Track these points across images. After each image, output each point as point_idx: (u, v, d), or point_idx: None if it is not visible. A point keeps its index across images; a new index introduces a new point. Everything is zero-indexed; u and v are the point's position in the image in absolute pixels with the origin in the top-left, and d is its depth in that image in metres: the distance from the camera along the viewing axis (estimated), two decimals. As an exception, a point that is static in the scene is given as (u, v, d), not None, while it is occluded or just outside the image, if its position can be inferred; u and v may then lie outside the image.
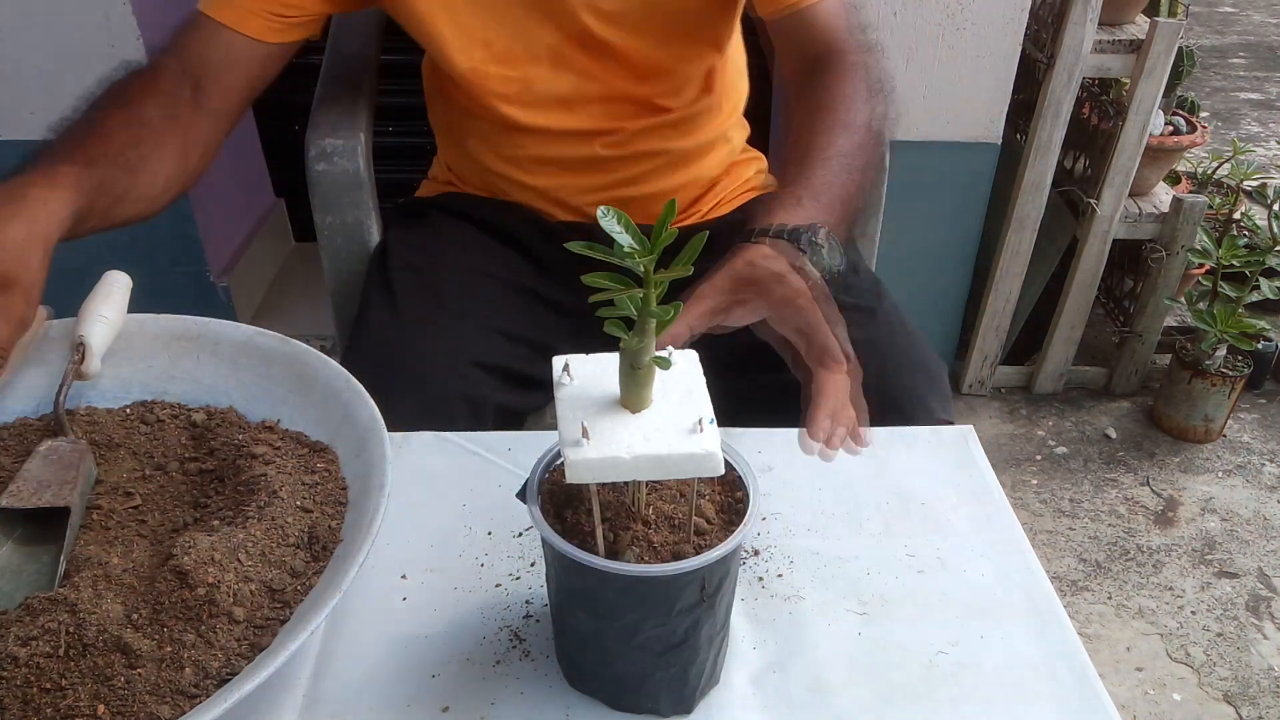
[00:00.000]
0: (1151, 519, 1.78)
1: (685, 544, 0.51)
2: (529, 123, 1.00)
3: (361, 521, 0.57)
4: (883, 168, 0.85)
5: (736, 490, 0.54)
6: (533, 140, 1.02)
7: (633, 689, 0.54)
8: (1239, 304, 1.83)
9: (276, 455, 0.63)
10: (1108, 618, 1.58)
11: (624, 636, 0.51)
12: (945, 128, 1.74)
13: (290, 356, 0.69)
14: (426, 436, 0.74)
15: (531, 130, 1.01)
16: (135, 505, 0.62)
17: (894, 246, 1.40)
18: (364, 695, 0.56)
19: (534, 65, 0.96)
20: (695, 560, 0.48)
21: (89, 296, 0.71)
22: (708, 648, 0.53)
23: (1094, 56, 1.72)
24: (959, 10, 1.63)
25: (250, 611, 0.53)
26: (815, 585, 0.63)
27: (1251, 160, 2.04)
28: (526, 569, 0.64)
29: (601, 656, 0.54)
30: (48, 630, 0.50)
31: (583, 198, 1.05)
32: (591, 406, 0.51)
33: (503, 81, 0.97)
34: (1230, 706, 1.43)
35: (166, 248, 1.72)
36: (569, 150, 1.02)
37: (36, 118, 1.57)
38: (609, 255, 0.47)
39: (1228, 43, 4.26)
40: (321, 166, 1.03)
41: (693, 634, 0.52)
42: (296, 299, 2.07)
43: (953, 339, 2.06)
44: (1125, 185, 1.82)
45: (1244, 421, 2.01)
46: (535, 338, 0.97)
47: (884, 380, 0.87)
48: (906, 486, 0.71)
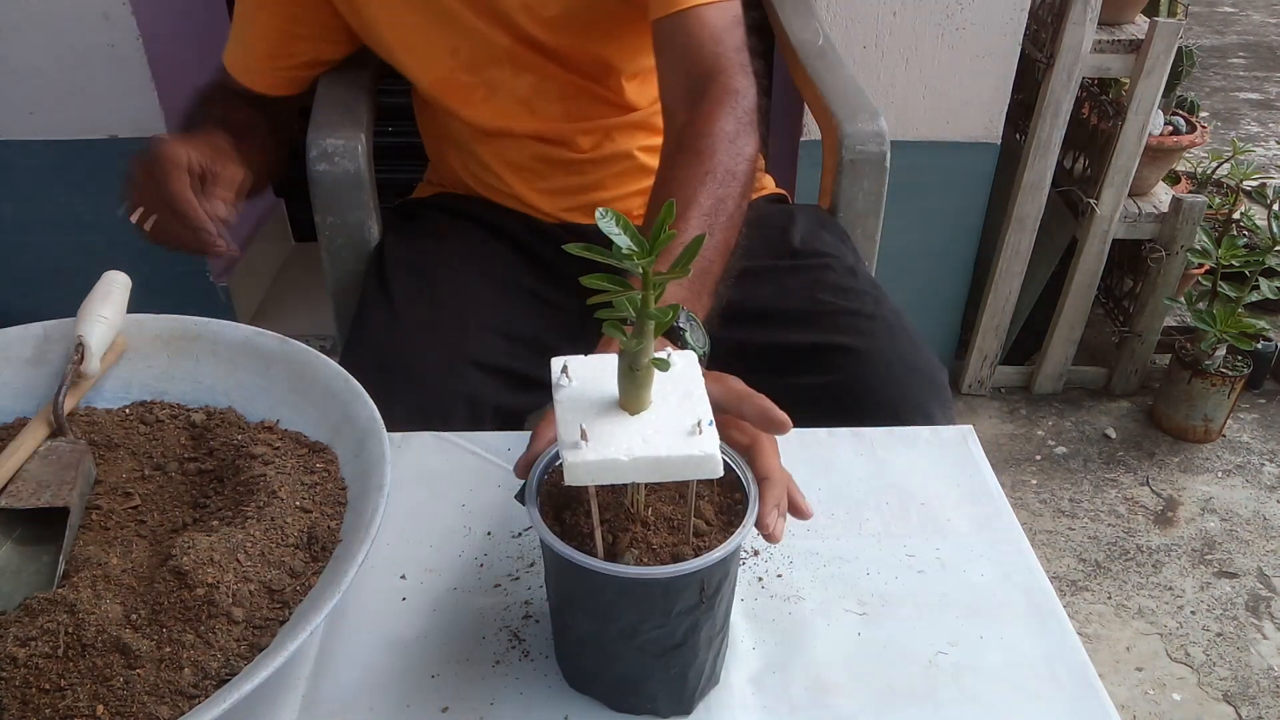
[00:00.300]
0: (1151, 519, 1.78)
1: (684, 546, 0.51)
2: (497, 126, 1.02)
3: (360, 522, 0.57)
4: (744, 212, 0.82)
5: (735, 491, 0.54)
6: (506, 146, 1.04)
7: (632, 690, 0.54)
8: (1239, 304, 1.83)
9: (276, 455, 0.63)
10: (1107, 618, 1.58)
11: (623, 638, 0.51)
12: (945, 128, 1.74)
13: (289, 356, 0.69)
14: (426, 437, 0.74)
15: (501, 135, 1.03)
16: (134, 505, 0.62)
17: (894, 246, 1.40)
18: (363, 695, 0.56)
19: (496, 68, 0.99)
20: (694, 562, 0.48)
21: (88, 296, 0.71)
22: (707, 649, 0.53)
23: (1093, 56, 1.72)
24: (959, 10, 1.63)
25: (249, 612, 0.53)
26: (815, 585, 0.63)
27: (1251, 160, 2.04)
28: (526, 569, 0.64)
29: (600, 658, 0.54)
30: (47, 631, 0.50)
31: (558, 201, 1.06)
32: (590, 408, 0.51)
33: (470, 88, 1.00)
34: (1230, 706, 1.43)
35: (166, 248, 1.72)
36: (540, 152, 1.04)
37: (36, 118, 1.57)
38: (607, 257, 0.47)
39: (1227, 43, 4.26)
40: (322, 167, 1.03)
41: (692, 635, 0.52)
42: (296, 299, 2.07)
43: (952, 339, 2.06)
44: (1125, 185, 1.82)
45: (1244, 421, 2.01)
46: (534, 337, 0.97)
47: (883, 387, 0.87)
48: (906, 487, 0.71)
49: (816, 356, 0.91)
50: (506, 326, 0.96)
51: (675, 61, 0.89)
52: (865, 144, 1.09)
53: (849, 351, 0.90)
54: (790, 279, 0.99)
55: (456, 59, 0.99)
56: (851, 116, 1.10)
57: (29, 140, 1.60)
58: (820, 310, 0.94)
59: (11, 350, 0.70)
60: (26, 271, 1.73)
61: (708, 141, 0.81)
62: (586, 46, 0.98)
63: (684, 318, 0.66)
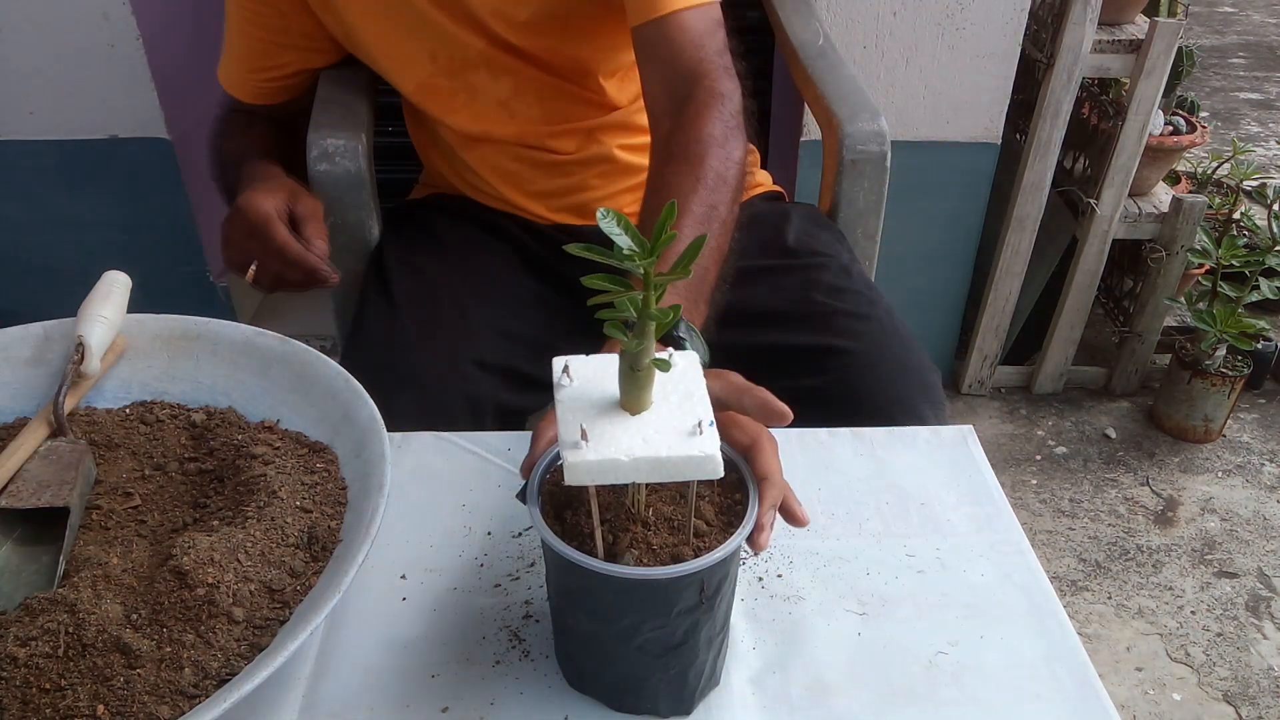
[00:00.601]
0: (1151, 519, 1.78)
1: (684, 546, 0.51)
2: (479, 131, 1.02)
3: (361, 522, 0.57)
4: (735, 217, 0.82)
5: (736, 492, 0.54)
6: (489, 151, 1.05)
7: (633, 690, 0.54)
8: (1239, 304, 1.83)
9: (276, 455, 0.63)
10: (1107, 618, 1.58)
11: (623, 638, 0.51)
12: (945, 128, 1.74)
13: (290, 356, 0.69)
14: (426, 436, 0.74)
15: (484, 140, 1.03)
16: (134, 505, 0.62)
17: (894, 246, 1.40)
18: (363, 695, 0.56)
19: (474, 72, 0.99)
20: (694, 563, 0.48)
21: (88, 297, 0.71)
22: (707, 649, 0.53)
23: (1094, 56, 1.72)
24: (959, 10, 1.63)
25: (250, 612, 0.53)
26: (815, 585, 0.63)
27: (1251, 160, 2.04)
28: (526, 569, 0.64)
29: (601, 658, 0.54)
30: (47, 630, 0.50)
31: (546, 203, 1.06)
32: (591, 408, 0.51)
33: (450, 93, 1.01)
34: (1230, 706, 1.43)
35: (166, 248, 1.72)
36: (523, 156, 1.04)
37: (36, 118, 1.57)
38: (608, 258, 0.47)
39: (1227, 43, 4.26)
40: (323, 167, 1.03)
41: (692, 635, 0.52)
42: (296, 299, 2.06)
43: (952, 339, 2.06)
44: (1125, 185, 1.82)
45: (1243, 421, 2.01)
46: (534, 336, 0.97)
47: (875, 389, 0.87)
48: (906, 487, 0.71)
49: (810, 358, 0.91)
50: (506, 325, 0.96)
51: (658, 68, 0.88)
52: (866, 144, 1.09)
53: (842, 353, 0.90)
54: (784, 278, 0.99)
55: (435, 64, 0.99)
56: (852, 116, 1.10)
57: (29, 140, 1.59)
58: (813, 311, 0.94)
59: (11, 350, 0.70)
60: (26, 271, 1.72)
61: (696, 149, 0.80)
62: (561, 48, 0.98)
63: (683, 327, 0.65)
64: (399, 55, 1.00)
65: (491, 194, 1.08)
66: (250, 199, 0.86)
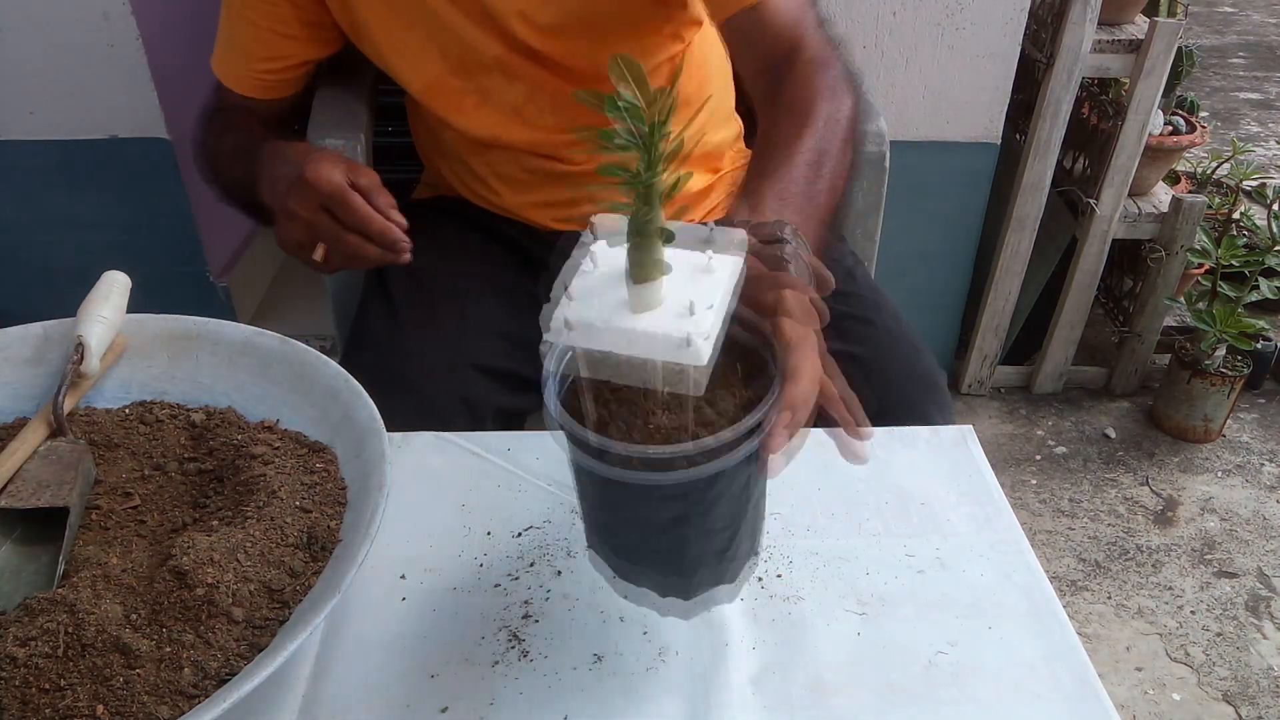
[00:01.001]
0: (1151, 519, 1.78)
1: (681, 430, 0.47)
2: (489, 135, 1.00)
3: (360, 522, 0.57)
4: (859, 165, 0.80)
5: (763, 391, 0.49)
6: (497, 157, 1.03)
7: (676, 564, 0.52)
8: (1238, 304, 1.83)
9: (275, 455, 0.63)
10: (1107, 618, 1.58)
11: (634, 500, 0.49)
12: (945, 128, 1.74)
13: (289, 357, 0.69)
14: (425, 436, 0.74)
15: (493, 146, 1.01)
16: (134, 505, 0.62)
17: (893, 246, 1.40)
18: (363, 695, 0.56)
19: (487, 75, 0.97)
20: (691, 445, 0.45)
21: (88, 297, 0.71)
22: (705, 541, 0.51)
23: (1093, 56, 1.72)
24: (958, 10, 1.63)
25: (249, 612, 0.53)
26: (814, 585, 0.63)
27: (1251, 160, 2.05)
28: (525, 569, 0.64)
29: (621, 529, 0.52)
30: (47, 631, 0.50)
31: (551, 213, 1.05)
32: (604, 281, 0.48)
33: (461, 94, 0.99)
34: (1230, 706, 1.43)
35: (166, 248, 1.72)
36: (533, 165, 1.02)
37: (37, 118, 1.57)
38: (611, 108, 0.44)
39: (1227, 43, 4.26)
40: (321, 166, 1.03)
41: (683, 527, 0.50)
42: (296, 299, 2.07)
43: (952, 339, 2.06)
44: (1124, 185, 1.82)
45: (1243, 421, 2.01)
46: (533, 340, 0.96)
47: (882, 392, 0.87)
48: (906, 487, 0.71)
49: None
50: (506, 328, 0.96)
51: (755, 55, 0.87)
52: (865, 144, 1.09)
53: (849, 359, 0.89)
54: None
55: (446, 63, 0.97)
56: (851, 116, 1.10)
57: (29, 140, 1.60)
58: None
59: (11, 350, 0.70)
60: (26, 271, 1.73)
61: (804, 103, 0.78)
62: (584, 53, 0.97)
63: (789, 230, 0.62)
64: (409, 53, 0.98)
65: (494, 200, 1.07)
66: (318, 171, 0.80)
